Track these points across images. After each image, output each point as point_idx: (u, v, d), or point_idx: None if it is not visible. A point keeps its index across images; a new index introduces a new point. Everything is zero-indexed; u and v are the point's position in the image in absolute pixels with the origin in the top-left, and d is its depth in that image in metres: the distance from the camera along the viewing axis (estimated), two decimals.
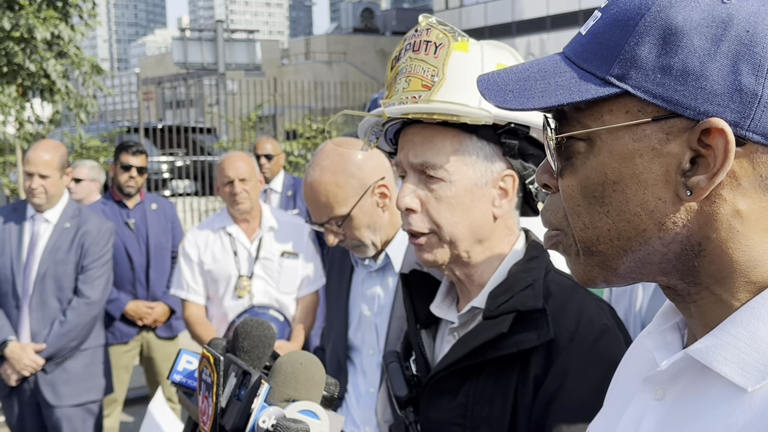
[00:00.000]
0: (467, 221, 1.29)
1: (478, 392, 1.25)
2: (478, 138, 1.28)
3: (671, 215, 0.67)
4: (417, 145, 1.29)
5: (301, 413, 0.97)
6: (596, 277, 0.73)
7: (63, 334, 3.43)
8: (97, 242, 3.54)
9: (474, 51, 1.29)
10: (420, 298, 1.42)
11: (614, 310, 1.31)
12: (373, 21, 47.42)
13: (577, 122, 0.70)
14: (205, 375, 1.05)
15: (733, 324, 0.67)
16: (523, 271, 1.29)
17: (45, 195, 3.45)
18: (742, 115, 0.64)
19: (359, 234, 2.01)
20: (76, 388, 3.53)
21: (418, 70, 1.28)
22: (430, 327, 1.41)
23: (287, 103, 13.95)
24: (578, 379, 1.19)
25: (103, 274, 3.55)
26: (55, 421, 3.51)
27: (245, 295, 3.42)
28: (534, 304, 1.22)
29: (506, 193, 1.31)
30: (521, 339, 1.21)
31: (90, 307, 3.49)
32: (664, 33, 0.65)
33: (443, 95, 1.25)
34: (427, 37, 1.28)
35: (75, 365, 3.53)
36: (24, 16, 8.53)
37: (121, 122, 13.25)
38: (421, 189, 1.30)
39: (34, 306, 3.45)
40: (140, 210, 4.46)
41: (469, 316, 1.33)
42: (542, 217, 0.77)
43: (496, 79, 0.74)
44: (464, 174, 1.28)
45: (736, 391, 0.65)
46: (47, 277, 3.45)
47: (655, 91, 0.66)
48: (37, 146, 3.50)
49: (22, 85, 9.22)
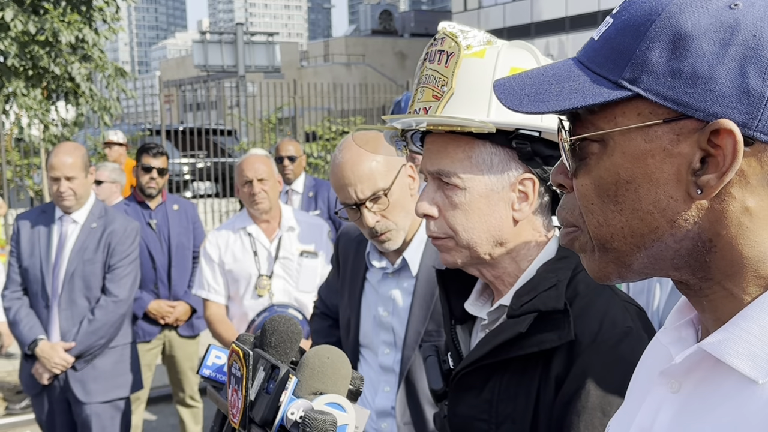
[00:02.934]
0: (484, 226, 1.31)
1: (502, 389, 1.27)
2: (492, 144, 1.30)
3: (683, 213, 0.69)
4: (433, 154, 1.32)
5: (328, 405, 1.00)
6: (611, 273, 0.75)
7: (92, 332, 3.49)
8: (123, 241, 3.59)
9: (489, 57, 1.30)
10: (456, 294, 1.44)
11: (643, 312, 1.32)
12: (392, 23, 47.41)
13: (590, 124, 0.73)
14: (234, 369, 1.08)
15: (744, 318, 0.69)
16: (549, 271, 1.30)
17: (74, 197, 3.50)
18: (750, 116, 0.66)
19: (395, 216, 2.03)
20: (105, 385, 3.58)
21: (431, 80, 1.31)
22: (467, 323, 1.44)
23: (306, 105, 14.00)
24: (597, 379, 1.20)
25: (129, 273, 3.60)
26: (85, 417, 3.55)
27: (265, 294, 3.46)
28: (555, 304, 1.24)
29: (526, 196, 1.32)
30: (542, 339, 1.23)
31: (118, 305, 3.54)
32: (673, 38, 0.68)
33: (450, 106, 1.28)
34: (441, 47, 1.31)
35: (104, 362, 3.58)
36: (49, 20, 8.65)
37: (143, 125, 13.38)
38: (439, 195, 1.33)
39: (63, 305, 3.50)
40: (162, 211, 4.52)
41: (498, 313, 1.35)
42: (558, 216, 0.80)
43: (512, 83, 0.76)
44: (478, 180, 1.30)
45: (748, 383, 0.67)
46: (75, 277, 3.51)
47: (665, 94, 0.68)
48: (57, 151, 3.53)
49: (47, 88, 9.35)
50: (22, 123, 9.51)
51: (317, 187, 5.11)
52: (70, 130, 10.13)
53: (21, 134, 9.44)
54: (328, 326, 2.51)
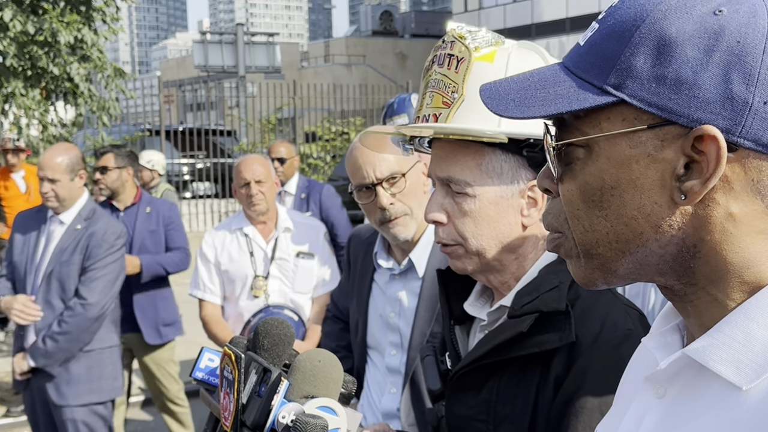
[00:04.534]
0: (493, 233, 1.31)
1: (501, 389, 1.27)
2: (502, 151, 1.30)
3: (667, 218, 0.70)
4: (442, 160, 1.31)
5: (319, 409, 1.00)
6: (597, 278, 0.76)
7: (60, 334, 3.42)
8: (100, 244, 3.50)
9: (499, 61, 1.29)
10: (455, 294, 1.44)
11: (643, 316, 1.31)
12: (392, 24, 47.41)
13: (576, 129, 0.73)
14: (226, 372, 1.09)
15: (728, 324, 0.69)
16: (551, 273, 1.30)
17: (56, 199, 3.46)
18: (734, 122, 0.66)
19: (411, 201, 2.02)
20: (79, 389, 3.50)
21: (441, 85, 1.29)
22: (465, 323, 1.44)
23: (306, 106, 14.02)
24: (597, 381, 1.20)
25: (102, 276, 3.50)
26: (63, 420, 3.51)
27: (261, 295, 3.46)
28: (557, 305, 1.23)
29: (536, 202, 1.32)
30: (543, 339, 1.23)
31: (86, 308, 3.44)
32: (658, 44, 0.68)
33: (461, 113, 1.27)
34: (451, 51, 1.29)
35: (78, 366, 3.50)
36: (48, 20, 8.66)
37: (143, 125, 13.39)
38: (448, 202, 1.32)
39: (41, 305, 3.47)
40: (132, 213, 4.47)
41: (499, 314, 1.35)
42: (544, 221, 0.80)
43: (497, 88, 0.76)
44: (488, 188, 1.29)
45: (732, 389, 0.67)
46: (53, 278, 3.47)
47: (650, 100, 0.68)
48: (48, 150, 3.52)
49: (46, 88, 9.36)
50: (21, 123, 9.52)
51: (310, 189, 5.11)
52: (68, 130, 10.14)
53: (20, 134, 9.44)
54: (339, 329, 2.51)
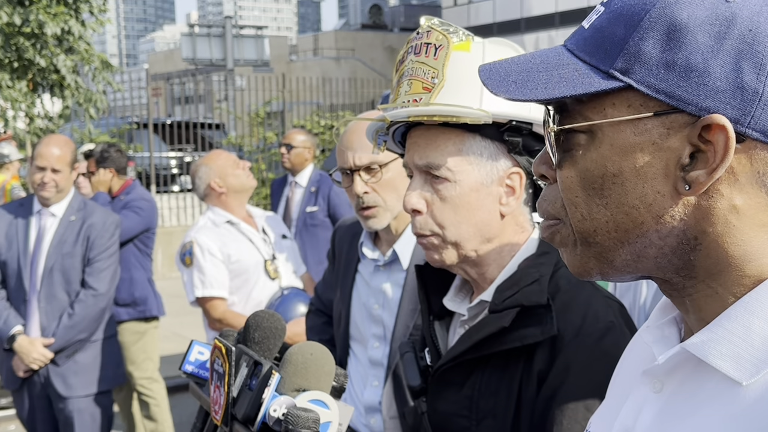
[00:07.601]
0: (472, 221, 1.30)
1: (483, 385, 1.27)
2: (482, 137, 1.30)
3: (669, 209, 0.68)
4: (421, 147, 1.31)
5: (311, 402, 0.99)
6: (592, 268, 0.74)
7: (71, 327, 3.48)
8: (102, 234, 3.58)
9: (476, 50, 1.30)
10: (434, 290, 1.43)
11: (624, 308, 1.32)
12: (382, 17, 47.35)
13: (578, 114, 0.71)
14: (217, 365, 1.08)
15: (728, 319, 0.68)
16: (531, 267, 1.30)
17: (55, 189, 3.49)
18: (743, 112, 0.65)
19: (385, 194, 2.03)
20: (86, 379, 3.57)
21: (419, 72, 1.29)
22: (444, 319, 1.43)
23: (295, 99, 13.96)
24: (581, 374, 1.20)
25: (109, 266, 3.60)
26: (67, 413, 3.54)
27: (277, 277, 3.47)
28: (538, 299, 1.23)
29: (513, 190, 1.32)
30: (525, 334, 1.23)
31: (97, 299, 3.53)
32: (668, 29, 0.66)
33: (443, 97, 1.27)
34: (428, 39, 1.30)
35: (85, 356, 3.58)
36: (34, 11, 8.59)
37: (130, 118, 13.30)
38: (427, 190, 1.31)
39: (43, 300, 3.49)
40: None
41: (479, 309, 1.34)
42: (539, 208, 0.78)
43: (498, 69, 0.74)
44: (469, 173, 1.29)
45: (732, 384, 0.66)
46: (55, 271, 3.49)
47: (658, 86, 0.67)
48: (48, 141, 3.54)
49: (33, 80, 9.29)
50: (7, 116, 9.43)
51: (320, 183, 5.00)
52: (55, 123, 10.07)
53: (6, 127, 9.37)
54: (322, 323, 2.50)
